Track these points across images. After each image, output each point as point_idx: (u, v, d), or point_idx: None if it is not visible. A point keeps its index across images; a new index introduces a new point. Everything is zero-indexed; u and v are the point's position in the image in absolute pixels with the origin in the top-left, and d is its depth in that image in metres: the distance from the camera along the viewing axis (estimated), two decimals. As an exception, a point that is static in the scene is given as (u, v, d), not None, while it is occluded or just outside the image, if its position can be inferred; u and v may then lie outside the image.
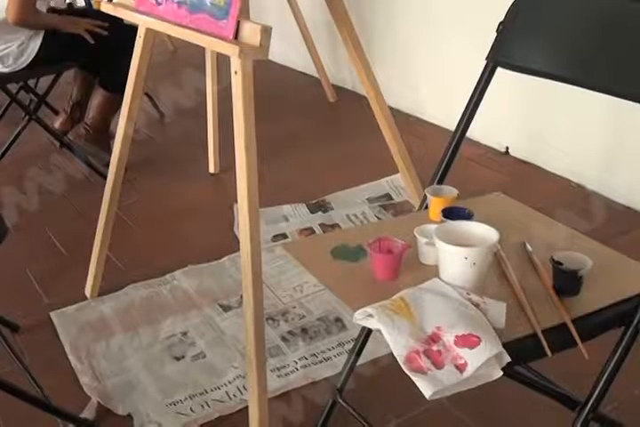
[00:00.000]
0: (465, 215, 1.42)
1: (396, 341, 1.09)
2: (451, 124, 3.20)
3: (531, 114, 2.97)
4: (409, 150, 2.42)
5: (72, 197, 2.97)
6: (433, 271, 1.29)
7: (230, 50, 1.50)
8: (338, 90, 3.87)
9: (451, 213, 1.43)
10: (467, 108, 1.64)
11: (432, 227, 1.33)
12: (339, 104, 3.77)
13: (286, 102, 3.77)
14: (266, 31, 1.48)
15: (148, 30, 1.83)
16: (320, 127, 3.50)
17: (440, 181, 1.63)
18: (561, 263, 1.27)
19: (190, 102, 3.72)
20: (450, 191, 1.53)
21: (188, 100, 3.78)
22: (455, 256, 1.22)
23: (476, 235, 1.27)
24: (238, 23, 1.52)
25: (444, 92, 3.28)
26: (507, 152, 3.11)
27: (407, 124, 3.28)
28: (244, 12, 1.57)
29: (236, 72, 1.56)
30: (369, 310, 1.14)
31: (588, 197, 2.72)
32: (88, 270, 2.31)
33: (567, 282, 1.27)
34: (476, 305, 1.17)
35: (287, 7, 3.67)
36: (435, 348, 1.08)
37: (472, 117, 1.64)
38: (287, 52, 4.08)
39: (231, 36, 1.53)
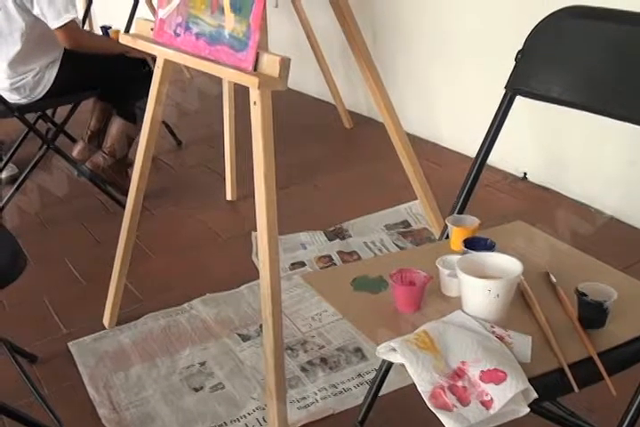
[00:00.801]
0: (487, 246, 1.41)
1: (420, 376, 1.07)
2: (468, 149, 3.23)
3: (549, 139, 2.96)
4: (426, 176, 2.41)
5: (90, 225, 2.98)
6: (456, 303, 1.27)
7: (249, 81, 1.50)
8: (354, 116, 3.87)
9: (472, 244, 1.41)
10: (486, 136, 1.63)
11: (454, 258, 1.32)
12: (355, 130, 3.77)
13: (303, 129, 3.77)
14: (284, 63, 1.48)
15: (167, 61, 1.84)
16: (337, 153, 3.50)
17: (461, 211, 1.62)
18: (586, 295, 1.26)
19: (207, 130, 3.75)
20: (471, 221, 1.52)
21: (205, 127, 3.80)
22: (478, 288, 1.20)
23: (500, 266, 1.25)
24: (257, 55, 1.53)
25: (462, 117, 3.28)
26: (525, 178, 3.09)
27: (424, 149, 3.26)
28: (263, 44, 1.58)
29: (255, 103, 1.56)
30: (392, 344, 1.12)
31: (608, 223, 2.69)
32: (106, 300, 2.30)
33: (593, 314, 1.25)
34: (501, 338, 1.15)
35: (303, 33, 3.68)
36: (460, 384, 1.06)
37: (492, 146, 1.63)
38: (303, 78, 4.09)
39: (250, 68, 1.53)
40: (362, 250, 2.59)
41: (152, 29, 1.83)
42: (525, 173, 3.09)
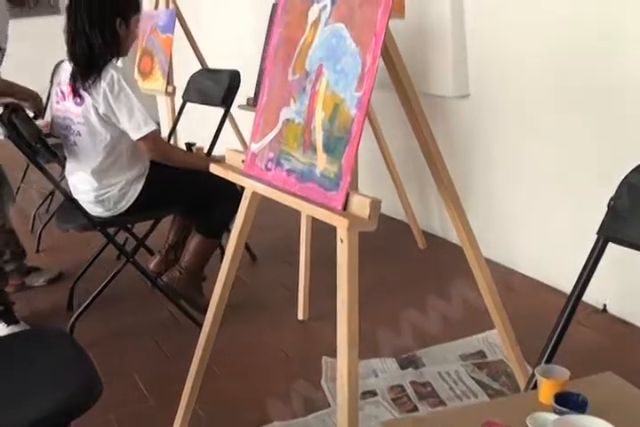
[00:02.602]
0: (579, 403, 1.35)
1: None
2: (546, 277, 3.16)
3: (629, 271, 2.87)
4: (502, 303, 2.34)
5: (161, 339, 2.98)
6: (547, 467, 1.21)
7: (339, 222, 1.51)
8: (427, 236, 3.86)
9: (564, 400, 1.35)
10: (576, 284, 1.61)
11: (546, 417, 1.27)
12: (429, 251, 3.75)
13: (375, 248, 3.73)
14: (375, 205, 1.49)
15: (254, 193, 1.86)
16: (410, 276, 3.47)
17: (549, 359, 1.57)
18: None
19: (282, 245, 3.77)
20: (561, 372, 1.46)
21: (281, 242, 3.82)
22: (575, 457, 1.14)
23: (597, 432, 1.19)
24: (347, 195, 1.54)
25: (540, 244, 3.23)
26: (604, 310, 3.00)
27: (499, 274, 3.20)
28: (353, 184, 1.59)
29: (342, 240, 1.56)
30: None
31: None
32: (173, 422, 2.26)
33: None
34: None
35: (378, 152, 3.73)
36: None
37: (582, 294, 1.59)
38: (377, 196, 4.12)
39: (340, 208, 1.54)
40: (436, 381, 2.51)
41: (243, 161, 1.87)
42: (605, 305, 3.00)
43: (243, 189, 1.99)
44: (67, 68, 2.91)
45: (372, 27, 1.49)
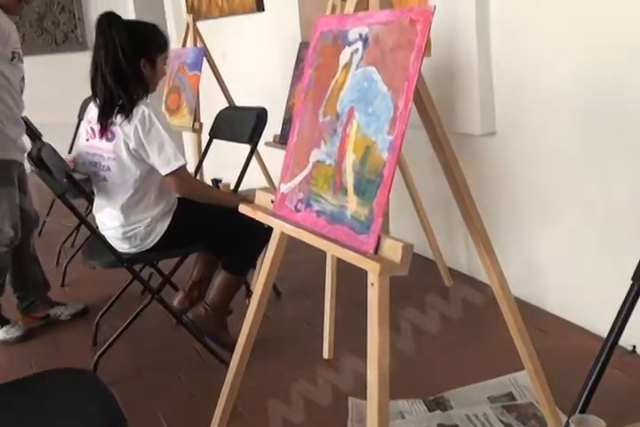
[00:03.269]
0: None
1: None
2: (576, 318, 3.11)
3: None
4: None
5: (185, 376, 2.96)
6: None
7: (371, 266, 1.50)
8: (453, 273, 3.83)
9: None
10: (611, 331, 1.57)
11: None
12: (455, 289, 3.71)
13: (400, 284, 3.69)
14: (407, 249, 1.48)
15: (283, 234, 1.86)
16: (436, 313, 3.43)
17: (584, 408, 1.54)
18: None
19: (307, 281, 3.75)
20: (596, 423, 1.43)
21: (306, 278, 3.80)
22: None
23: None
24: (379, 238, 1.53)
25: (570, 284, 3.19)
26: (634, 351, 2.95)
27: (526, 313, 3.14)
28: (385, 227, 1.58)
29: (372, 284, 1.55)
30: None
31: None
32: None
33: None
34: None
35: (404, 188, 3.72)
36: None
37: (617, 341, 1.56)
38: (403, 233, 4.10)
39: (371, 251, 1.53)
40: (464, 424, 2.46)
41: (272, 201, 1.87)
42: (634, 346, 2.95)
43: (271, 227, 1.99)
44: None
45: (404, 71, 1.49)
